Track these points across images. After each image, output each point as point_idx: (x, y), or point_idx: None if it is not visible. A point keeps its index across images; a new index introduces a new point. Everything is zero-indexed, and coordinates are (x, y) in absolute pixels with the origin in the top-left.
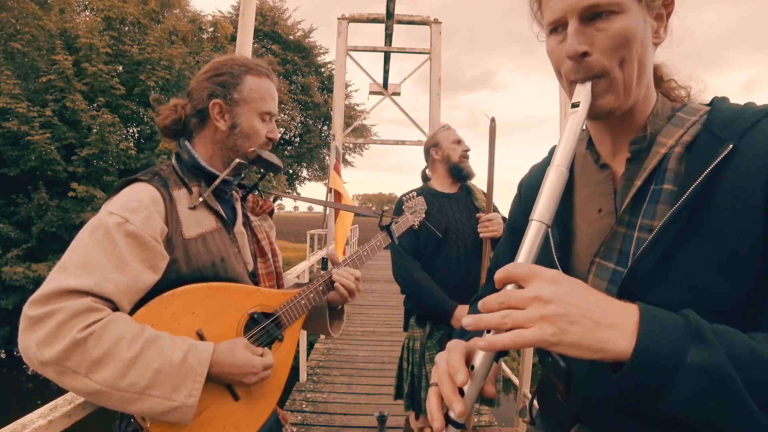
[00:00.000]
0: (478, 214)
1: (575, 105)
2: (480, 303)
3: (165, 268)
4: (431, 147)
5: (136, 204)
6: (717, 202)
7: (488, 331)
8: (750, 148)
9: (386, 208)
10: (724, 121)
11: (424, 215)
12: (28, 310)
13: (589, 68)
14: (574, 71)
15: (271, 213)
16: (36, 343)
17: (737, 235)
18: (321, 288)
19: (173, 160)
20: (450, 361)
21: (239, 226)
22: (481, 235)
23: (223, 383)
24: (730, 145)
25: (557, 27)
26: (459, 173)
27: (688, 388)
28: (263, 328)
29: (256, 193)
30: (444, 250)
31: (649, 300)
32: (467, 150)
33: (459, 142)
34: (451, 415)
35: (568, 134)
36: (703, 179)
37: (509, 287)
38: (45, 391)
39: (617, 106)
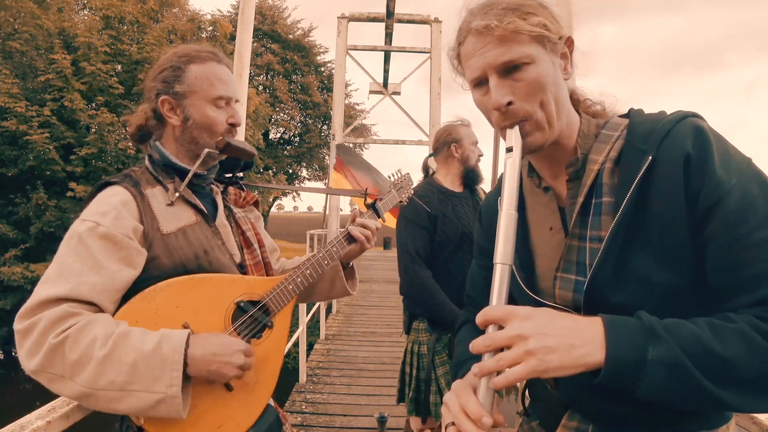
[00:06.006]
0: None
1: (509, 150)
2: (471, 346)
3: (144, 263)
4: (452, 143)
5: (105, 207)
6: (651, 206)
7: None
8: (666, 156)
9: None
10: (643, 134)
11: (412, 191)
12: (16, 325)
13: (514, 115)
14: (502, 119)
15: (255, 204)
16: (25, 354)
17: (672, 232)
18: (338, 246)
19: (146, 161)
20: (468, 405)
21: (221, 219)
22: None
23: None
24: (650, 157)
25: (480, 82)
26: (475, 178)
27: (653, 380)
28: (251, 316)
29: (248, 185)
30: (459, 255)
31: (612, 301)
32: (481, 155)
33: (476, 144)
34: None
35: (510, 178)
36: (635, 189)
37: (490, 328)
38: (43, 392)
39: (545, 140)
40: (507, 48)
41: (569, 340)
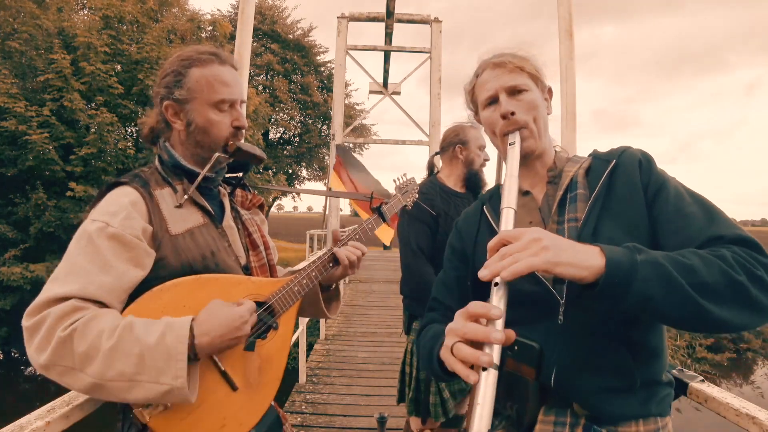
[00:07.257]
0: None
1: (512, 143)
2: (483, 270)
3: (152, 264)
4: (458, 144)
5: (115, 207)
6: (616, 192)
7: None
8: (625, 161)
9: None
10: (605, 154)
11: (417, 195)
12: (24, 322)
13: (516, 122)
14: (506, 125)
15: (260, 207)
16: (34, 349)
17: (633, 210)
18: (322, 267)
19: (156, 162)
20: (471, 308)
21: (228, 221)
22: None
23: (218, 372)
24: (614, 161)
25: (492, 101)
26: (478, 182)
27: (645, 276)
28: (257, 317)
29: (252, 187)
30: None
31: None
32: (487, 160)
33: (483, 148)
34: (484, 359)
35: (512, 158)
36: (605, 180)
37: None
38: (43, 392)
39: (535, 147)
40: (514, 77)
41: (575, 248)
